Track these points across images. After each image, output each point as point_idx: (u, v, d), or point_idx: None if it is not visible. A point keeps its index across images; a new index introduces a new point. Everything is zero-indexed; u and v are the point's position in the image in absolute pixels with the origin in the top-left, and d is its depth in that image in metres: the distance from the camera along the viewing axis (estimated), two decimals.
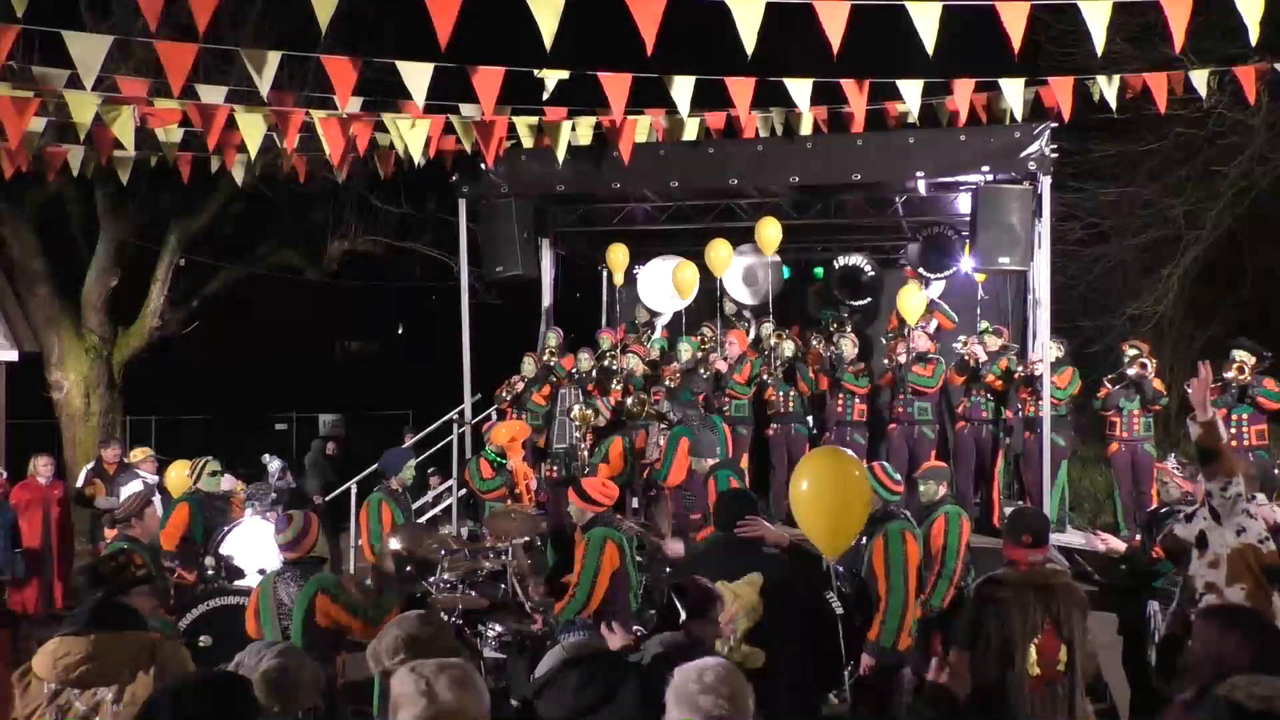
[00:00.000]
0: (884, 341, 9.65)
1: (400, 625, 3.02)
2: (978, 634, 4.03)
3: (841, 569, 6.27)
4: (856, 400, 9.33)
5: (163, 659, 3.32)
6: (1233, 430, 7.82)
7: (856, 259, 11.13)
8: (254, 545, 6.93)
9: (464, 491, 9.73)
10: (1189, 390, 4.29)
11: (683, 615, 3.52)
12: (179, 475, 8.04)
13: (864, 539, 5.52)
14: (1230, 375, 8.07)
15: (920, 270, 10.43)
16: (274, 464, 10.99)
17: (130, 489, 8.69)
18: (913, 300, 9.68)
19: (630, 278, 11.93)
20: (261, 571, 6.23)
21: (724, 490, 6.25)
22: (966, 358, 9.20)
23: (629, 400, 9.19)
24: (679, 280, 10.68)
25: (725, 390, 9.60)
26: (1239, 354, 8.13)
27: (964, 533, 6.23)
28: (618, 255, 10.93)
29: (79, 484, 9.86)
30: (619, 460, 8.67)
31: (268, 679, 3.06)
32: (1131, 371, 8.72)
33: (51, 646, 3.28)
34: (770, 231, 9.99)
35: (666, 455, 8.03)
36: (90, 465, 9.87)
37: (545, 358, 10.22)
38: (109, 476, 9.37)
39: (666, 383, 9.40)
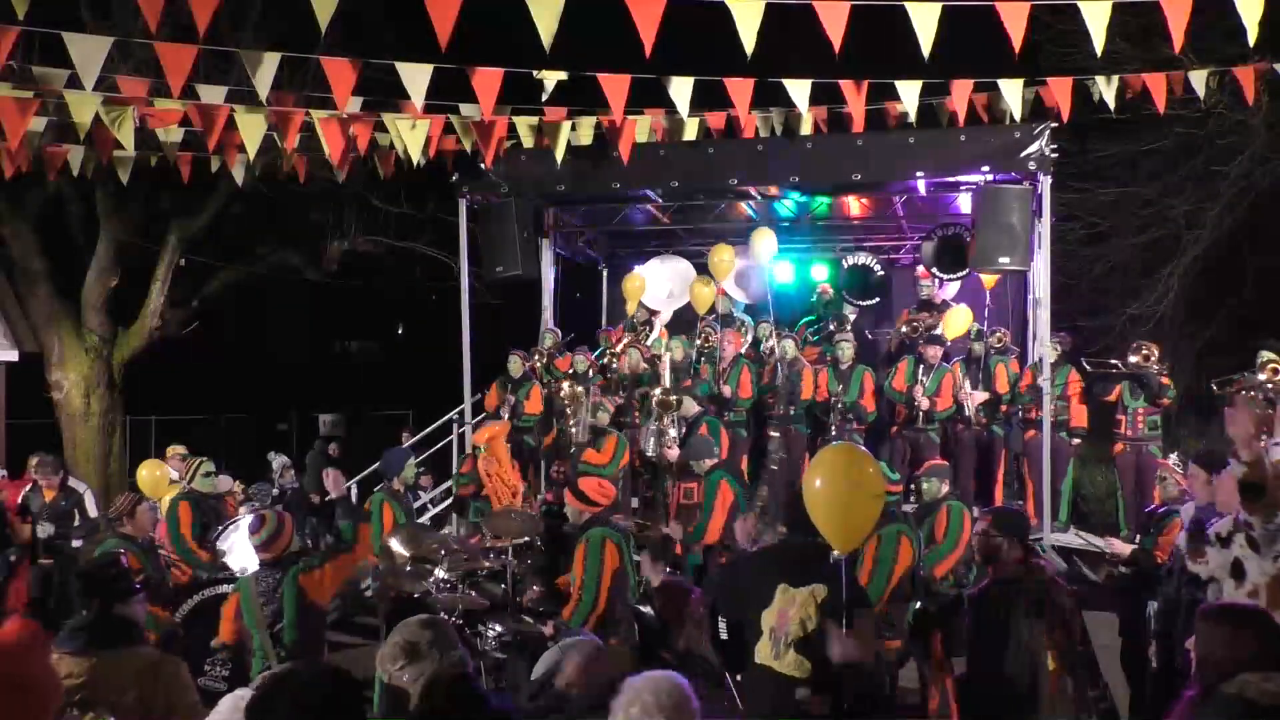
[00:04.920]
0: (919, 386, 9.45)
1: (400, 631, 3.00)
2: (1007, 637, 3.99)
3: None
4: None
5: (165, 678, 3.29)
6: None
7: (865, 259, 11.11)
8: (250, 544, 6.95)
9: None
10: (1230, 424, 4.17)
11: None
12: (150, 474, 8.05)
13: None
14: (1264, 377, 7.97)
15: (934, 270, 10.44)
16: (277, 460, 11.01)
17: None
18: (960, 319, 9.72)
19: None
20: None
21: (797, 490, 6.16)
22: (964, 401, 9.16)
23: (657, 391, 8.99)
24: (697, 296, 10.72)
25: (732, 409, 9.57)
26: (1272, 355, 7.98)
27: (965, 525, 6.25)
28: (635, 284, 10.96)
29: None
30: (610, 452, 8.59)
31: None
32: (1133, 360, 8.69)
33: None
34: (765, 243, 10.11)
35: (704, 510, 7.45)
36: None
37: (541, 359, 10.21)
38: (45, 504, 8.20)
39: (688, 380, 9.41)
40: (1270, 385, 7.65)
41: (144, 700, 3.20)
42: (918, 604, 5.93)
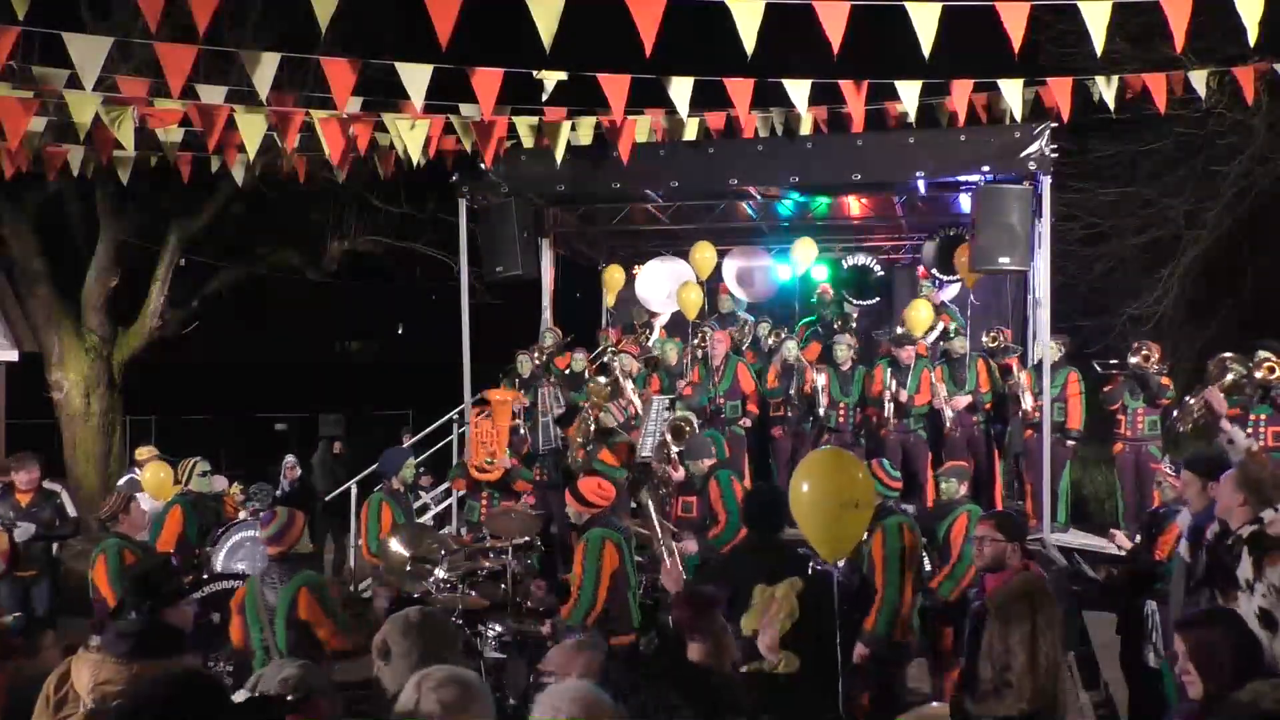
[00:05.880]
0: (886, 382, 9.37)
1: (389, 625, 3.00)
2: (1036, 649, 3.95)
3: (842, 564, 6.32)
4: (859, 410, 9.34)
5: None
6: (1249, 431, 7.70)
7: (864, 259, 11.14)
8: (248, 546, 6.94)
9: (464, 491, 9.73)
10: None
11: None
12: (153, 476, 8.03)
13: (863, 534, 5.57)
14: (1260, 375, 7.99)
15: (933, 272, 10.45)
16: (287, 460, 11.06)
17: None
18: (921, 313, 9.68)
19: (629, 278, 11.94)
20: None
21: (754, 487, 6.13)
22: (940, 407, 9.15)
23: (666, 412, 8.94)
24: (684, 300, 10.70)
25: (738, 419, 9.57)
26: (1268, 354, 8.00)
27: None
28: (614, 276, 10.96)
29: None
30: (624, 453, 8.55)
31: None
32: (1134, 361, 8.69)
33: (93, 665, 3.21)
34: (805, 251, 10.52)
35: (729, 508, 7.04)
36: None
37: (539, 357, 10.20)
38: (21, 508, 7.49)
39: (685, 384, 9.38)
40: (1265, 382, 7.68)
41: None
42: (925, 601, 5.96)
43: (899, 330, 9.94)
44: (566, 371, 9.98)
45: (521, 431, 9.21)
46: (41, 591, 7.51)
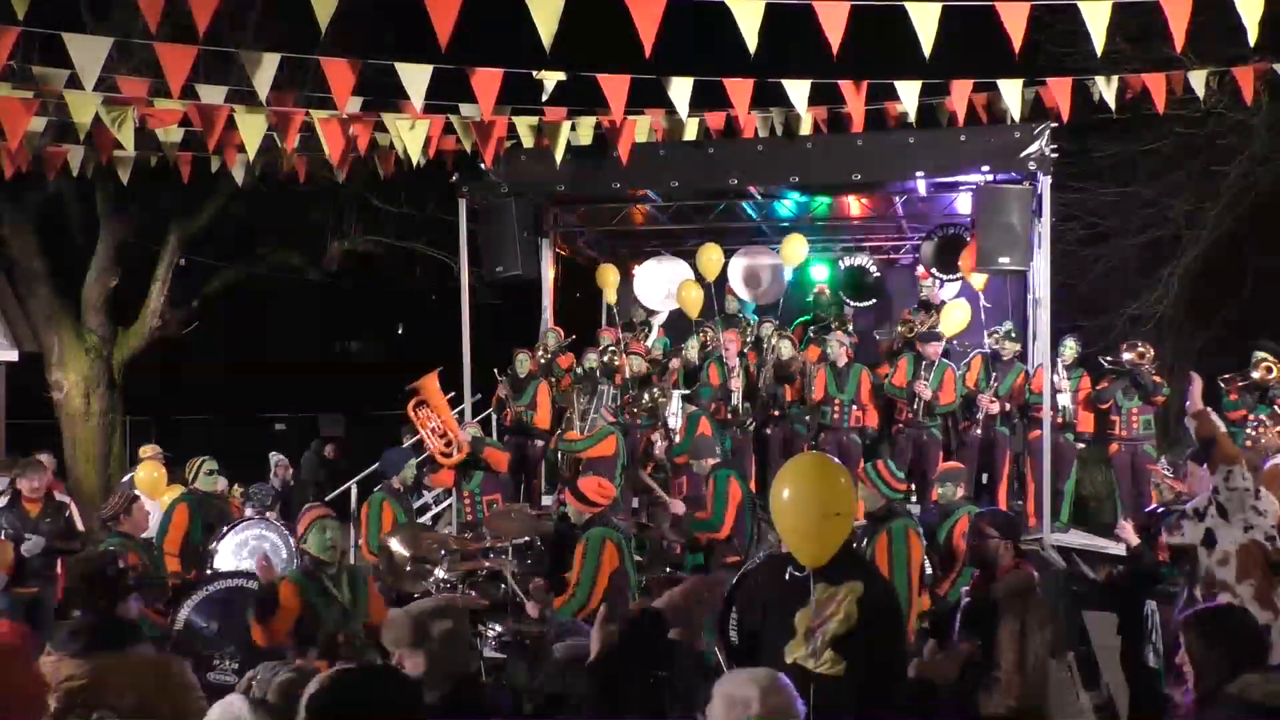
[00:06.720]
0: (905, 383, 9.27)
1: (411, 612, 3.01)
2: (1024, 648, 3.93)
3: None
4: (855, 408, 9.32)
5: (168, 678, 3.28)
6: (1249, 432, 7.74)
7: (861, 260, 11.15)
8: (252, 544, 6.94)
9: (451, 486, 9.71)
10: (1188, 389, 4.49)
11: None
12: (147, 476, 8.03)
13: (864, 537, 5.55)
14: (1258, 376, 8.01)
15: (933, 271, 10.45)
16: (274, 459, 11.07)
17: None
18: (958, 316, 9.67)
19: (628, 277, 11.95)
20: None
21: None
22: (983, 404, 9.13)
23: (645, 396, 9.10)
24: (684, 299, 10.71)
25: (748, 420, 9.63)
26: (1265, 355, 8.03)
27: None
28: (609, 275, 10.99)
29: None
30: (608, 449, 8.57)
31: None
32: (1127, 358, 8.70)
33: (50, 667, 3.21)
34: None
35: (716, 504, 7.13)
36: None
37: (543, 357, 10.19)
38: (28, 519, 7.00)
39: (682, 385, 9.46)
40: (1264, 382, 7.73)
41: (147, 701, 3.18)
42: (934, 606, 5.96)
43: (927, 324, 9.88)
44: (573, 369, 10.00)
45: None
46: (44, 611, 6.88)
